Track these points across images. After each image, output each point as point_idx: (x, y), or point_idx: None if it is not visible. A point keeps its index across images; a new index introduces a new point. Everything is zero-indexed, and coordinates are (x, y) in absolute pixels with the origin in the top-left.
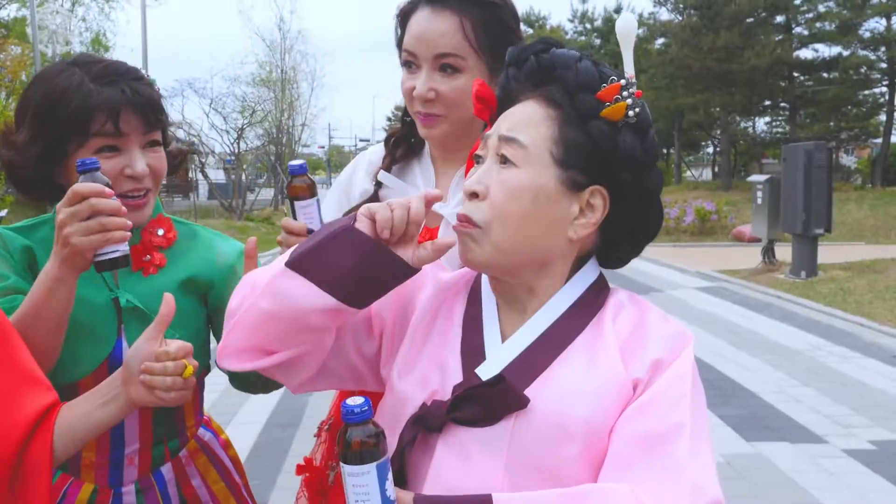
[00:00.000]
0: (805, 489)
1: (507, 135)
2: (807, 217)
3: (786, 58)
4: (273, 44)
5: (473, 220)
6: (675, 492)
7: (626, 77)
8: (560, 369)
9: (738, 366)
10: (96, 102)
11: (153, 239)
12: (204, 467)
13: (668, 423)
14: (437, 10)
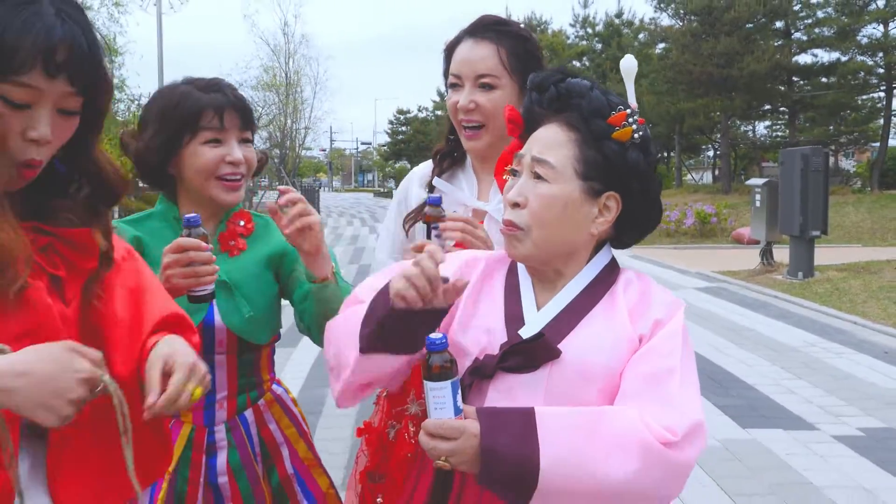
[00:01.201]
0: (796, 470)
1: (539, 157)
2: (803, 219)
3: (785, 63)
4: (277, 48)
5: (517, 224)
6: (668, 413)
7: (630, 106)
8: (583, 329)
9: (737, 360)
10: (205, 103)
11: (237, 228)
12: (278, 415)
13: (663, 366)
14: (478, 41)
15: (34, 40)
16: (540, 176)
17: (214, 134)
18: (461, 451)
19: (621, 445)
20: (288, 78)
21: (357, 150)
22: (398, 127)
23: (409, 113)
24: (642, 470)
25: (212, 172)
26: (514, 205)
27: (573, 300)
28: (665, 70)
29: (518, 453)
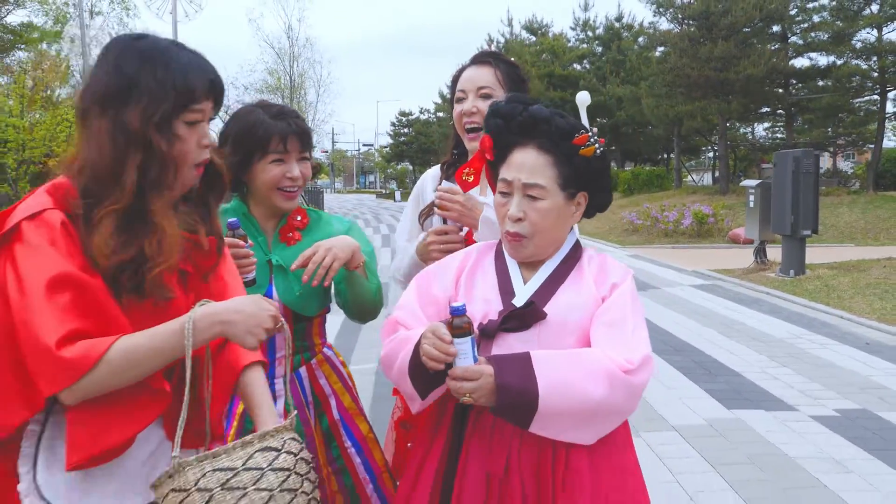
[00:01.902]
0: (774, 444)
1: (531, 182)
2: (795, 219)
3: (781, 67)
4: (282, 51)
5: (522, 234)
6: (625, 350)
7: (590, 130)
8: (560, 295)
9: (726, 350)
10: (273, 131)
11: (294, 223)
12: (327, 372)
13: (618, 316)
14: (479, 66)
15: (204, 79)
16: (533, 195)
17: (279, 156)
18: (481, 388)
19: (594, 375)
20: (292, 81)
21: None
22: (400, 129)
23: (412, 115)
24: (610, 391)
25: (275, 185)
26: (518, 220)
27: (550, 274)
28: (664, 73)
29: (522, 385)
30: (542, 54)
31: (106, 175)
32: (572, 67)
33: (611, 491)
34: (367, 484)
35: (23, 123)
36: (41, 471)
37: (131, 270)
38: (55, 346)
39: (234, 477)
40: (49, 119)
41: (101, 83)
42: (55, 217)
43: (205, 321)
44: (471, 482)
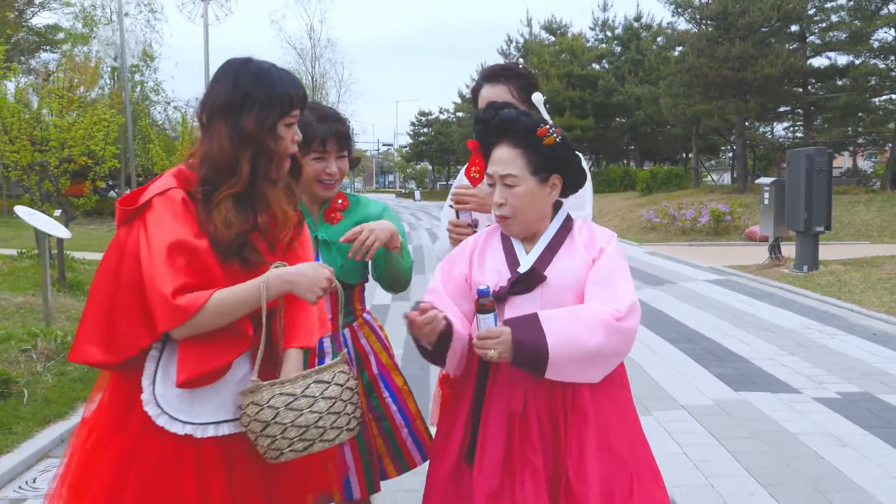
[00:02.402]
0: (777, 422)
1: (504, 173)
2: (808, 216)
3: (798, 66)
4: (303, 52)
5: (506, 216)
6: (614, 301)
7: (548, 122)
8: (557, 261)
9: (737, 340)
10: (317, 134)
11: (335, 205)
12: (367, 333)
13: (606, 275)
14: (493, 84)
15: (297, 92)
16: (509, 184)
17: (320, 154)
18: (502, 345)
19: (592, 326)
20: (314, 81)
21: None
22: (420, 128)
23: (431, 115)
24: (606, 339)
25: (315, 178)
26: (500, 205)
27: (547, 245)
28: (681, 73)
29: (534, 341)
30: (562, 54)
31: (224, 166)
32: (591, 67)
33: (610, 420)
34: (402, 428)
35: (63, 123)
36: (158, 385)
37: (243, 239)
38: (171, 296)
39: (294, 401)
40: (87, 119)
41: (221, 96)
42: (178, 195)
43: (276, 280)
44: (494, 421)
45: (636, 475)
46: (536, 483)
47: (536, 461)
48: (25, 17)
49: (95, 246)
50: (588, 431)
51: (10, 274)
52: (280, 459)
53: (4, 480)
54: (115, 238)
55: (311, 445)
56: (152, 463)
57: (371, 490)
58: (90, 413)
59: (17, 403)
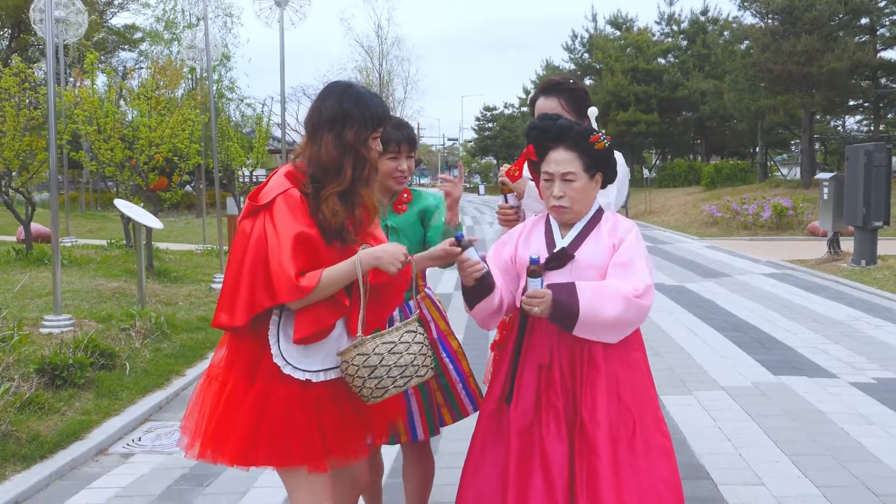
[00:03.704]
0: (809, 402)
1: (565, 170)
2: (867, 211)
3: (866, 60)
4: (371, 49)
5: (564, 206)
6: (633, 280)
7: (599, 131)
8: (585, 244)
9: (783, 329)
10: (392, 138)
11: (402, 198)
12: (428, 304)
13: (627, 257)
14: (547, 97)
15: (384, 113)
16: (568, 179)
17: (394, 154)
18: (544, 302)
19: (614, 299)
20: (381, 78)
21: (443, 145)
22: (485, 123)
23: (496, 109)
24: (625, 310)
25: (390, 174)
26: (560, 197)
27: (579, 231)
28: (746, 68)
29: (569, 301)
30: (627, 49)
31: (330, 168)
32: (656, 62)
33: (620, 375)
34: (457, 383)
35: (151, 122)
36: (281, 342)
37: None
38: (294, 277)
39: (394, 346)
40: (174, 118)
41: (328, 111)
42: (296, 193)
43: (366, 258)
44: (528, 372)
45: (639, 421)
46: (558, 422)
47: (558, 404)
48: (105, 18)
49: (174, 237)
50: (599, 382)
51: (103, 262)
52: (384, 397)
53: (114, 438)
54: (241, 229)
55: (409, 381)
56: (282, 403)
57: (432, 432)
58: (217, 370)
59: (120, 374)
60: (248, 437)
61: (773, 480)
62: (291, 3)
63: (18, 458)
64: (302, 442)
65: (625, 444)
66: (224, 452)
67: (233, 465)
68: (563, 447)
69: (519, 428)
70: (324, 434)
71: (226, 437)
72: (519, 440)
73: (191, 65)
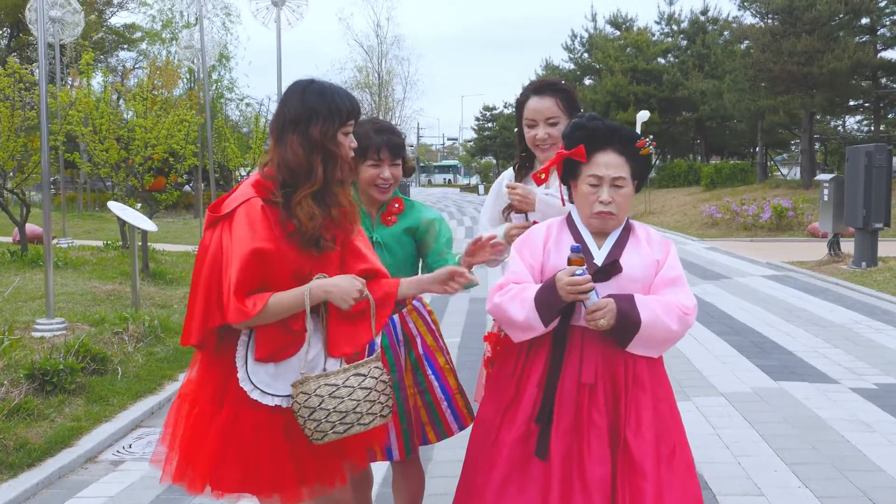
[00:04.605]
0: (809, 408)
1: (616, 175)
2: (867, 212)
3: (867, 60)
4: (370, 49)
5: (612, 212)
6: (683, 298)
7: (647, 137)
8: (626, 255)
9: (783, 333)
10: (373, 144)
11: (392, 209)
12: (415, 318)
13: (676, 275)
14: (542, 96)
15: (352, 106)
16: (618, 185)
17: (375, 161)
18: (609, 313)
19: (671, 313)
20: (381, 78)
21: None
22: (484, 123)
23: (496, 109)
24: (679, 326)
25: (371, 183)
26: (608, 203)
27: (616, 240)
28: (746, 68)
29: (631, 313)
30: (626, 48)
31: (300, 170)
32: (656, 62)
33: (660, 392)
34: (442, 402)
35: (147, 123)
36: (249, 364)
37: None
38: (239, 299)
39: (335, 390)
40: (169, 119)
41: (291, 111)
42: (258, 203)
43: (316, 289)
44: (568, 391)
45: (678, 438)
46: (600, 442)
47: (602, 424)
48: (104, 18)
49: (172, 238)
50: (644, 399)
51: (98, 264)
52: (324, 441)
53: (104, 445)
54: (202, 241)
55: (350, 428)
56: (250, 429)
57: (408, 453)
58: (188, 389)
59: (112, 379)
60: (217, 463)
61: (773, 491)
62: (288, 4)
63: (5, 467)
64: (272, 469)
65: (666, 463)
66: (195, 479)
67: (203, 492)
68: (605, 469)
69: (560, 454)
70: (297, 461)
71: (195, 463)
72: (561, 467)
73: (188, 65)
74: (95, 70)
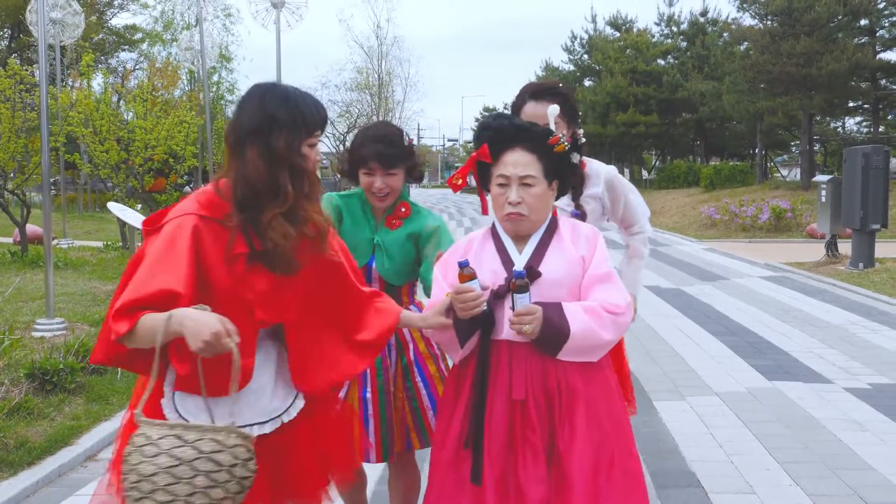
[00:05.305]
0: (803, 408)
1: (524, 173)
2: (864, 214)
3: (865, 61)
4: (370, 50)
5: (522, 213)
6: (614, 296)
7: (560, 133)
8: (548, 258)
9: (779, 333)
10: (365, 153)
11: (398, 213)
12: None
13: (604, 271)
14: (539, 102)
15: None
16: (527, 184)
17: (368, 170)
18: (536, 321)
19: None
20: (380, 79)
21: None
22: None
23: (495, 110)
24: (614, 333)
25: (367, 190)
26: (517, 203)
27: (537, 244)
28: (745, 70)
29: (559, 322)
30: (626, 50)
31: (263, 188)
32: (656, 63)
33: (597, 400)
34: (428, 410)
35: (147, 125)
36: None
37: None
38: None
39: (179, 448)
40: (169, 121)
41: (250, 119)
42: (189, 222)
43: (174, 321)
44: (498, 410)
45: (618, 446)
46: (536, 460)
47: (536, 441)
48: (105, 19)
49: None
50: (578, 409)
51: (98, 264)
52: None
53: (104, 444)
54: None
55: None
56: None
57: (385, 458)
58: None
59: (111, 379)
60: None
61: (765, 489)
62: (288, 5)
63: (6, 465)
64: None
65: (605, 475)
66: None
67: None
68: (544, 488)
69: (494, 477)
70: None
71: None
72: (495, 491)
73: (189, 66)
74: (96, 71)
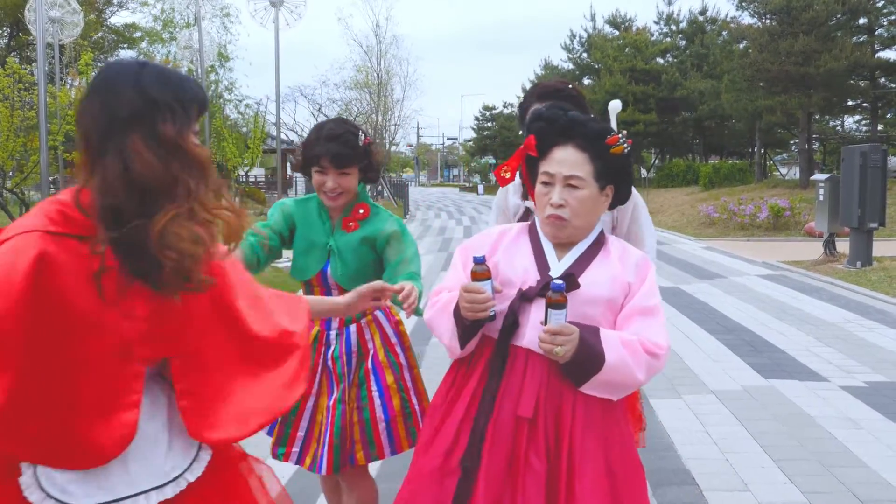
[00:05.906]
0: (799, 406)
1: (570, 173)
2: (862, 212)
3: (864, 60)
4: (370, 48)
5: (563, 217)
6: (656, 335)
7: (620, 132)
8: (590, 272)
9: (776, 332)
10: (318, 151)
11: (355, 215)
12: (373, 330)
13: (651, 305)
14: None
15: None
16: (573, 185)
17: (321, 169)
18: (570, 343)
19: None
20: (379, 77)
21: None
22: (484, 123)
23: (495, 109)
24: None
25: (319, 189)
26: (560, 206)
27: (581, 254)
28: (743, 68)
29: (596, 349)
30: (625, 49)
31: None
32: (655, 61)
33: (614, 440)
34: (380, 422)
35: None
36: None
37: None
38: None
39: None
40: None
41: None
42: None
43: None
44: (503, 427)
45: (634, 492)
46: (538, 489)
47: (540, 469)
48: (104, 17)
49: None
50: (591, 447)
51: None
52: None
53: None
54: None
55: None
56: None
57: (336, 470)
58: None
59: None
60: None
61: (759, 486)
62: (286, 4)
63: None
64: None
65: None
66: None
67: None
68: None
69: (488, 502)
70: None
71: None
72: None
73: (188, 65)
74: (95, 70)
